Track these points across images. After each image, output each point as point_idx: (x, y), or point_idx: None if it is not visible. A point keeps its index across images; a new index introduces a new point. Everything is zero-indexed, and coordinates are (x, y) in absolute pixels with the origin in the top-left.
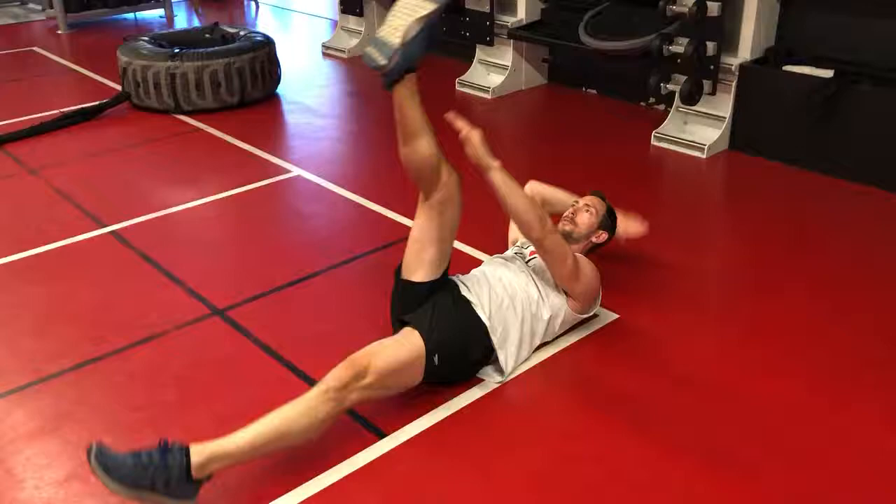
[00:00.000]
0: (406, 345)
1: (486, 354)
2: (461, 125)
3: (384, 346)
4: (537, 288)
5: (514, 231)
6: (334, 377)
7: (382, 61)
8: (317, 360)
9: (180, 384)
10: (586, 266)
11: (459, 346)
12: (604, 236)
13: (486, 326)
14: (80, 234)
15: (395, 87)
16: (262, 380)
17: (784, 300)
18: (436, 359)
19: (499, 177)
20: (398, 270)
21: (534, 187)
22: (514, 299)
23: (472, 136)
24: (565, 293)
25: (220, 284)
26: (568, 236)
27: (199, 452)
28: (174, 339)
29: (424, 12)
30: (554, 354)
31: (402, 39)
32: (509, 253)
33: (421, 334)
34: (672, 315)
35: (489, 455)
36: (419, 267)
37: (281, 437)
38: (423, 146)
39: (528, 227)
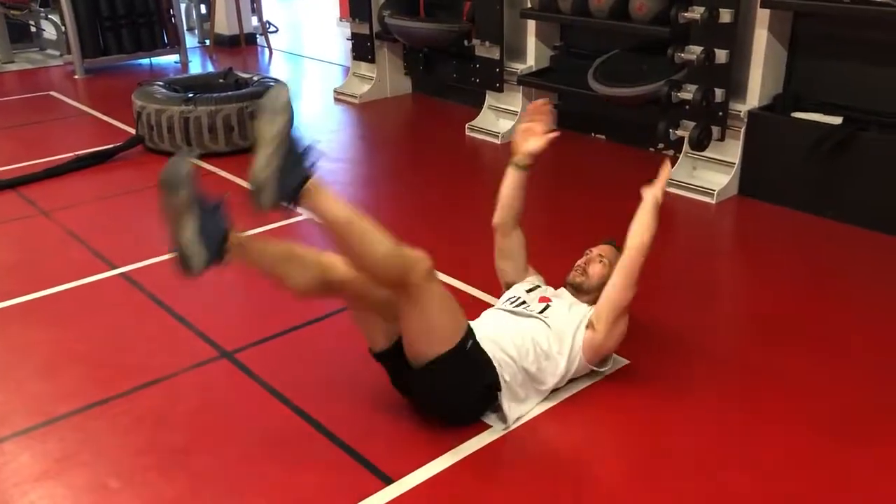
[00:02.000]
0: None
1: (491, 399)
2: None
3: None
4: (551, 340)
5: (505, 276)
6: (423, 255)
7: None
8: (324, 404)
9: (187, 427)
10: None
11: (483, 358)
12: None
13: (496, 374)
14: (91, 275)
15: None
16: (270, 424)
17: (793, 346)
18: (468, 343)
19: (657, 202)
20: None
21: (498, 219)
22: (521, 350)
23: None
24: (589, 328)
25: (229, 327)
26: (578, 288)
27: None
28: (182, 381)
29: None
30: (562, 401)
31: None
32: (509, 303)
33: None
34: (682, 361)
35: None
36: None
37: (363, 235)
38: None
39: (643, 239)
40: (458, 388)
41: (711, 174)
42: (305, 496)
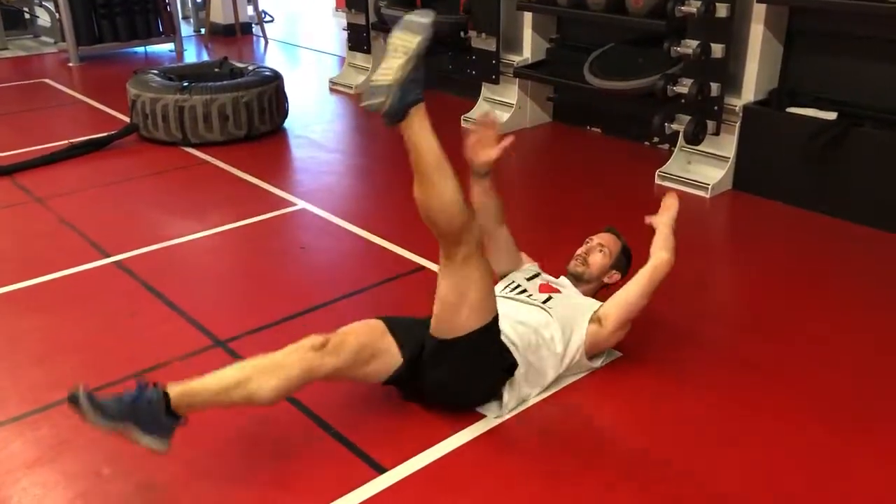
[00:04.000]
0: None
1: (504, 378)
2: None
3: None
4: (554, 330)
5: (501, 267)
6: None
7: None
8: (317, 393)
9: None
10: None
11: (504, 346)
12: (616, 277)
13: (514, 358)
14: (85, 263)
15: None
16: (262, 412)
17: (786, 341)
18: (496, 328)
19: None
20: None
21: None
22: (523, 339)
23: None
24: (594, 322)
25: (223, 316)
26: (579, 277)
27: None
28: (175, 370)
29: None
30: (556, 392)
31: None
32: (509, 290)
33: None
34: (675, 355)
35: (489, 494)
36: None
37: (441, 179)
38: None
39: (671, 250)
40: (481, 366)
41: (706, 168)
42: (298, 485)
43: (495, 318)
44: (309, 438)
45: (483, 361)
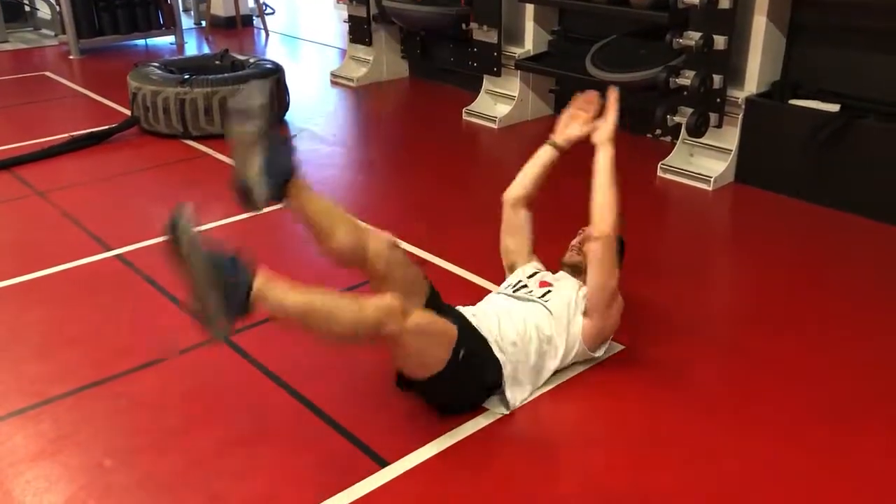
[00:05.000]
0: (442, 319)
1: (494, 386)
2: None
3: (424, 309)
4: (553, 325)
5: (509, 255)
6: (391, 295)
7: (259, 201)
8: (320, 386)
9: (182, 408)
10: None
11: (480, 357)
12: None
13: (498, 362)
14: (86, 256)
15: (283, 200)
16: (264, 404)
17: (788, 333)
18: (461, 353)
19: (612, 157)
20: None
21: (512, 193)
22: (524, 337)
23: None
24: (586, 316)
25: None
26: (575, 268)
27: (262, 277)
28: (177, 363)
29: (248, 137)
30: (559, 385)
31: (250, 173)
32: (511, 288)
33: (453, 322)
34: (676, 347)
35: (492, 489)
36: None
37: (327, 316)
38: (339, 238)
39: (608, 222)
40: (457, 393)
41: (708, 161)
42: (300, 478)
43: (456, 350)
44: (311, 431)
45: (457, 389)
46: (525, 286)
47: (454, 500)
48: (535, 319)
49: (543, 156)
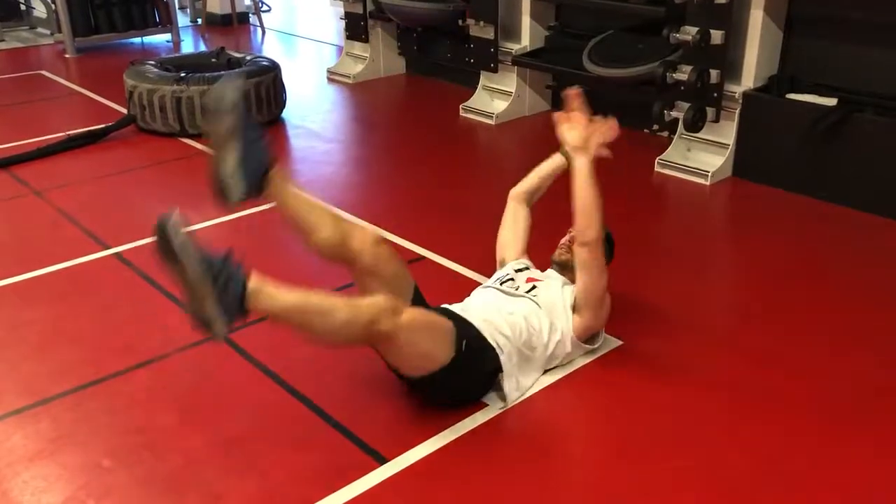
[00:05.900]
0: (434, 313)
1: (496, 371)
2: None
3: (418, 307)
4: (542, 318)
5: (503, 249)
6: (384, 295)
7: (236, 198)
8: (318, 384)
9: (180, 407)
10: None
11: (480, 346)
12: None
13: (494, 350)
14: (84, 255)
15: (263, 194)
16: (263, 403)
17: (786, 328)
18: (464, 344)
19: (588, 165)
20: None
21: (519, 190)
22: (514, 329)
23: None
24: (575, 313)
25: None
26: (564, 266)
27: (256, 277)
28: (175, 361)
29: (223, 132)
30: (557, 380)
31: (229, 168)
32: (498, 281)
33: (448, 318)
34: (673, 342)
35: (491, 485)
36: None
37: (322, 315)
38: (324, 232)
39: (593, 226)
40: (459, 387)
41: (706, 155)
42: (298, 476)
43: (458, 344)
44: (309, 428)
45: (459, 383)
46: (511, 280)
47: (453, 497)
48: (525, 313)
49: (554, 164)
